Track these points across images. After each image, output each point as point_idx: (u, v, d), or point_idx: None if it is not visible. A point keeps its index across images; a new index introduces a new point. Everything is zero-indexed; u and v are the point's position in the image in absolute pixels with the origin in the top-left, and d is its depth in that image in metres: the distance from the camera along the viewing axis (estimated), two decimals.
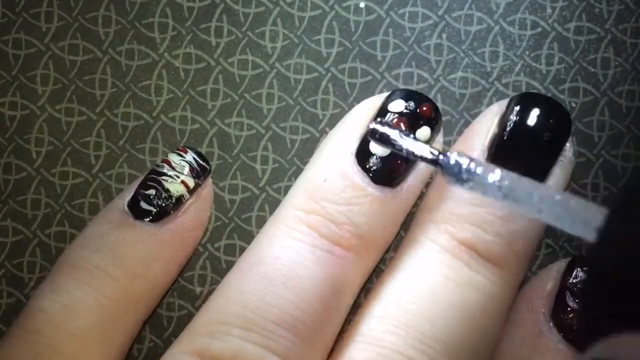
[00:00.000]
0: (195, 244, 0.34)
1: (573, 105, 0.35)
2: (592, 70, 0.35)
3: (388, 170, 0.31)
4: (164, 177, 0.33)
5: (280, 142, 0.35)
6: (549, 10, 0.35)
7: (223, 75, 0.35)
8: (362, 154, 0.32)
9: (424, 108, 0.32)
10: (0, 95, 0.35)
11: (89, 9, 0.36)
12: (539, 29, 0.35)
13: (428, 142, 0.32)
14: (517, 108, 0.32)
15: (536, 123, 0.32)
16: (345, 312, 0.32)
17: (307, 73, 0.35)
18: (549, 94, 0.35)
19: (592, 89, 0.35)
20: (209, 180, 0.34)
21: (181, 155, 0.33)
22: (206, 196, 0.34)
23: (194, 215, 0.33)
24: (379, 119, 0.30)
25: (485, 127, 0.33)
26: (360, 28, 0.36)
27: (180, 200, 0.32)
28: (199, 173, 0.33)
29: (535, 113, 0.32)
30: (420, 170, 0.32)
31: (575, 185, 0.35)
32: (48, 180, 0.35)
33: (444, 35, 0.35)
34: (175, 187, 0.32)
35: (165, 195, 0.32)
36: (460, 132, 0.35)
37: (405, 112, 0.32)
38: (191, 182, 0.33)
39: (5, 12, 0.36)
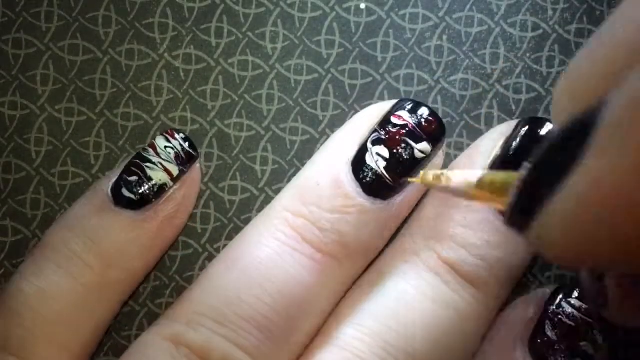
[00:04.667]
0: (178, 231, 0.34)
1: None
2: None
3: (381, 182, 0.31)
4: (147, 164, 0.33)
5: (280, 143, 0.35)
6: (550, 13, 0.35)
7: (223, 76, 0.35)
8: (358, 163, 0.32)
9: (428, 123, 0.32)
10: (0, 94, 0.35)
11: (89, 9, 0.36)
12: (540, 31, 0.35)
13: (427, 157, 0.32)
14: (522, 133, 0.32)
15: None
16: (322, 318, 0.32)
17: (308, 74, 0.35)
18: (550, 97, 0.35)
19: None
20: (196, 166, 0.34)
21: (168, 140, 0.33)
22: (192, 183, 0.33)
23: (177, 203, 0.33)
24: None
25: (489, 147, 0.33)
26: (361, 29, 0.35)
27: (162, 188, 0.33)
28: (184, 160, 0.33)
29: (540, 142, 0.32)
30: (416, 185, 0.32)
31: None
32: (48, 180, 0.35)
33: (445, 37, 0.35)
34: (158, 175, 0.32)
35: (147, 183, 0.32)
36: (460, 134, 0.35)
37: (407, 125, 0.32)
38: (175, 170, 0.33)
39: (6, 12, 0.36)
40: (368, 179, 0.31)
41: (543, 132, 0.32)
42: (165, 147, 0.33)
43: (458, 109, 0.35)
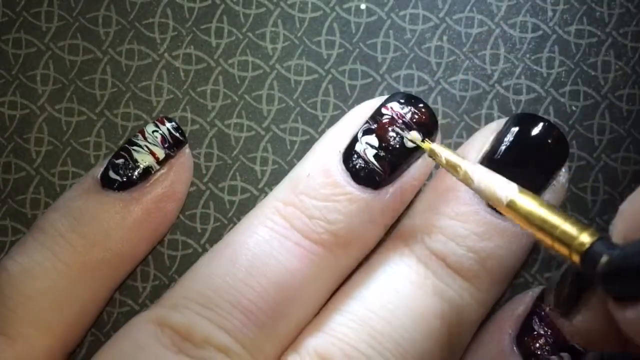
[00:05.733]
0: (167, 216, 0.34)
1: (574, 108, 0.35)
2: (593, 73, 0.35)
3: (371, 171, 0.31)
4: (134, 147, 0.33)
5: (280, 143, 0.35)
6: (550, 13, 0.35)
7: (223, 76, 0.35)
8: (349, 153, 0.32)
9: (419, 114, 0.32)
10: (0, 94, 0.35)
11: (89, 9, 0.36)
12: (540, 32, 0.35)
13: (418, 148, 0.32)
14: (512, 128, 0.32)
15: (529, 145, 0.32)
16: (313, 307, 0.32)
17: (308, 74, 0.35)
18: (550, 97, 0.35)
19: (593, 92, 0.35)
20: (185, 152, 0.34)
21: (157, 126, 0.34)
22: (180, 168, 0.34)
23: (164, 187, 0.33)
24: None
25: (479, 143, 0.33)
26: (361, 30, 0.35)
27: (148, 171, 0.33)
28: (171, 144, 0.33)
29: (530, 135, 0.32)
30: (410, 177, 0.32)
31: (574, 188, 0.35)
32: (47, 180, 0.35)
33: (445, 38, 0.35)
34: (143, 158, 0.33)
35: (133, 165, 0.33)
36: (460, 135, 0.35)
37: (397, 114, 0.32)
38: (161, 153, 0.33)
39: (6, 12, 0.36)
40: (357, 167, 0.31)
41: (534, 130, 0.32)
42: (153, 131, 0.33)
43: (458, 109, 0.35)
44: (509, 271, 0.33)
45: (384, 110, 0.32)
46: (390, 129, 0.32)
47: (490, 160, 0.32)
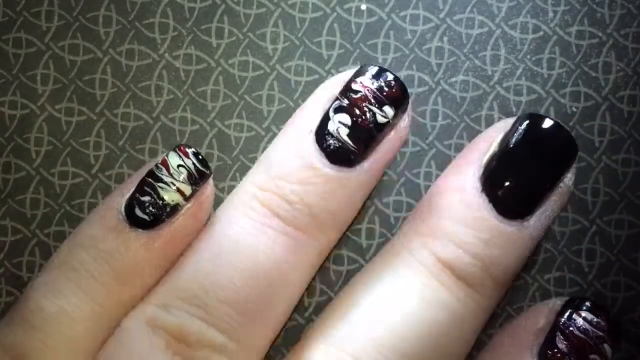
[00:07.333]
0: (187, 244, 0.34)
1: (574, 109, 0.35)
2: (594, 74, 0.35)
3: (345, 150, 0.31)
4: (160, 184, 0.32)
5: None
6: (550, 14, 0.35)
7: (223, 76, 0.35)
8: (320, 133, 0.31)
9: (390, 88, 0.32)
10: (0, 94, 0.35)
11: (89, 9, 0.36)
12: (541, 33, 0.35)
13: (392, 120, 0.31)
14: (520, 129, 0.32)
15: (538, 148, 0.32)
16: (298, 292, 0.32)
17: (308, 75, 0.35)
18: (550, 98, 0.35)
19: (594, 94, 0.35)
20: (209, 183, 0.33)
21: (180, 158, 0.32)
22: (205, 201, 0.32)
23: (189, 221, 0.32)
24: None
25: (486, 143, 0.32)
26: (362, 30, 0.35)
27: (175, 208, 0.32)
28: (197, 180, 0.32)
29: (538, 138, 0.32)
30: (384, 150, 0.32)
31: (575, 190, 0.35)
32: (47, 180, 0.35)
33: (445, 39, 0.35)
34: (170, 196, 0.32)
35: (160, 204, 0.32)
36: (460, 136, 0.35)
37: (368, 90, 0.31)
38: (188, 190, 0.32)
39: (6, 11, 0.36)
40: (332, 148, 0.31)
41: (543, 130, 0.32)
42: (179, 166, 0.32)
43: (458, 110, 0.35)
44: (513, 276, 0.32)
45: (353, 86, 0.32)
46: (362, 106, 0.31)
47: (499, 160, 0.32)
